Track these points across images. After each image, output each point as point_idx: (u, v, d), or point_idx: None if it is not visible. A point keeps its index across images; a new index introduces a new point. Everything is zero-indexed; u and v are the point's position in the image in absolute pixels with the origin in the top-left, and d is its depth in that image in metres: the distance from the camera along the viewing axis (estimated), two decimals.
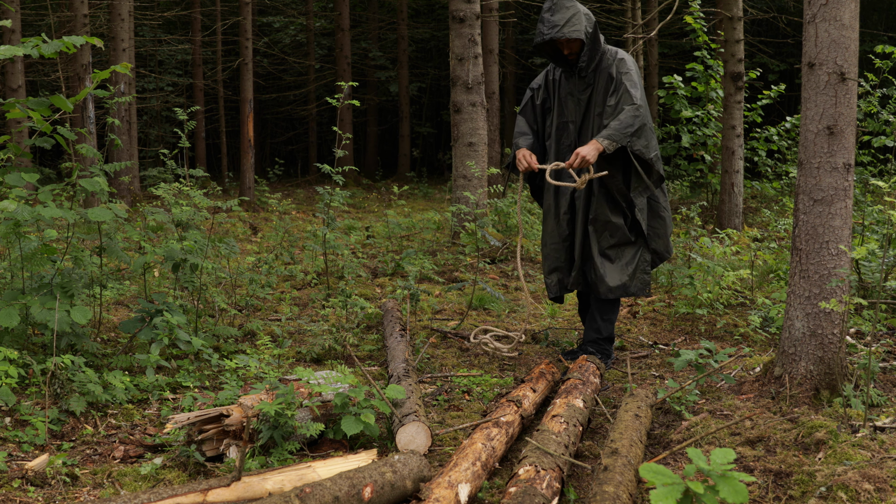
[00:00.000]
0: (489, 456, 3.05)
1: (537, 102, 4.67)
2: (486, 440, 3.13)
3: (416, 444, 3.28)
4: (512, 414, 3.47)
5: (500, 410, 3.49)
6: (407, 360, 4.24)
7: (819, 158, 3.52)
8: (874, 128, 8.00)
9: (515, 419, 3.46)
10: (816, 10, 3.51)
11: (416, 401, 3.59)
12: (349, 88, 13.25)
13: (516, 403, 3.57)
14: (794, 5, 16.66)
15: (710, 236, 7.51)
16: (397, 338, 4.66)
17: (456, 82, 6.31)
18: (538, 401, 3.82)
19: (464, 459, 2.92)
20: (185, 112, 5.42)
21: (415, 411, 3.43)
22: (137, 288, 6.11)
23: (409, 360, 4.26)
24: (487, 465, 3.01)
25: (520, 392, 3.73)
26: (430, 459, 3.29)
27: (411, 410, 3.44)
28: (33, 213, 3.90)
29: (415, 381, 3.90)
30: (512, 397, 3.65)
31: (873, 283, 5.15)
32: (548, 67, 4.68)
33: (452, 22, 6.33)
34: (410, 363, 4.20)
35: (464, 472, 2.83)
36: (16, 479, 2.99)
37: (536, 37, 4.37)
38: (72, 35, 4.44)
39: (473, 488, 2.84)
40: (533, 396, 3.76)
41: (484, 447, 3.06)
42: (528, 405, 3.66)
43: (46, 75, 15.63)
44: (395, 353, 4.40)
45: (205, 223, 5.88)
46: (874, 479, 2.68)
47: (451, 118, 6.37)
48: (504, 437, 3.27)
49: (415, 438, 3.28)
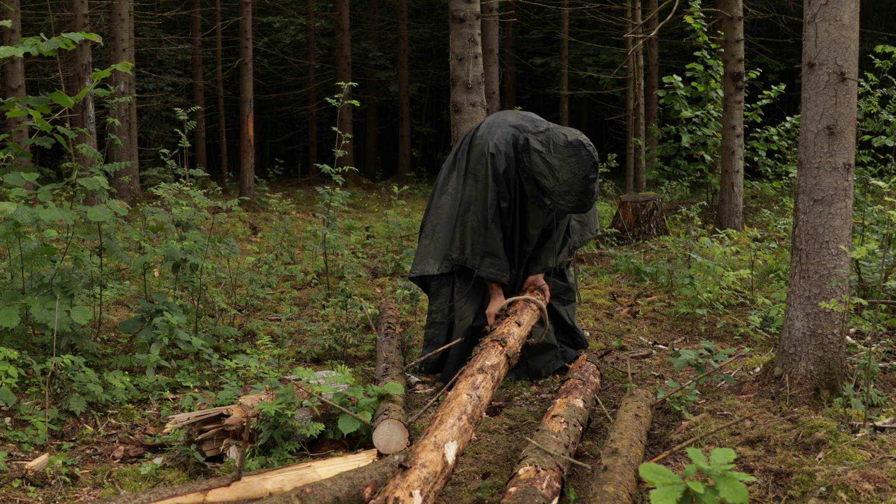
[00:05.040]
0: (475, 407, 2.92)
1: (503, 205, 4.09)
2: (472, 389, 3.01)
3: (395, 441, 3.23)
4: (497, 356, 3.35)
5: (484, 353, 3.37)
6: (387, 358, 4.24)
7: (819, 158, 3.52)
8: (874, 128, 8.00)
9: (501, 360, 3.35)
10: (816, 10, 3.51)
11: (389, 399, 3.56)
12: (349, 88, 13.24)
13: (501, 343, 3.46)
14: (794, 5, 16.66)
15: (710, 236, 7.51)
16: (382, 338, 4.69)
17: (456, 82, 6.32)
18: (524, 335, 3.68)
19: (449, 415, 2.79)
20: (185, 112, 5.42)
21: (385, 410, 3.38)
22: (137, 288, 6.11)
23: (389, 357, 4.26)
24: (474, 417, 2.89)
25: (504, 329, 3.60)
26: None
27: (381, 411, 3.40)
28: (33, 214, 3.90)
29: (394, 378, 3.89)
30: (496, 336, 3.52)
31: (873, 283, 5.15)
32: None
33: (452, 22, 6.33)
34: (390, 361, 4.20)
35: (449, 428, 2.70)
36: (16, 479, 2.99)
37: (567, 198, 3.82)
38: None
39: (461, 445, 2.72)
40: (518, 331, 3.62)
41: (469, 398, 2.93)
42: (514, 342, 3.52)
43: (46, 75, 15.62)
44: (378, 354, 4.44)
45: (205, 223, 5.88)
46: (874, 479, 2.68)
47: (451, 118, 6.36)
48: (490, 384, 3.15)
49: (392, 437, 3.24)
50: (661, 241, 8.36)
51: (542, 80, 21.47)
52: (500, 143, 3.98)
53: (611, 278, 6.97)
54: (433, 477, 2.47)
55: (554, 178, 3.79)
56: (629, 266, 7.08)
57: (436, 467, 2.51)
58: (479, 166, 4.00)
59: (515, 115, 4.14)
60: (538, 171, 3.85)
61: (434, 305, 4.26)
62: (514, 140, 3.98)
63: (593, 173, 3.78)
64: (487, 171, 3.96)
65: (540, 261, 4.27)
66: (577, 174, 3.76)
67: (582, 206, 3.86)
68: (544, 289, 4.32)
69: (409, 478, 2.41)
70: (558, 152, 3.79)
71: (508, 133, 4.01)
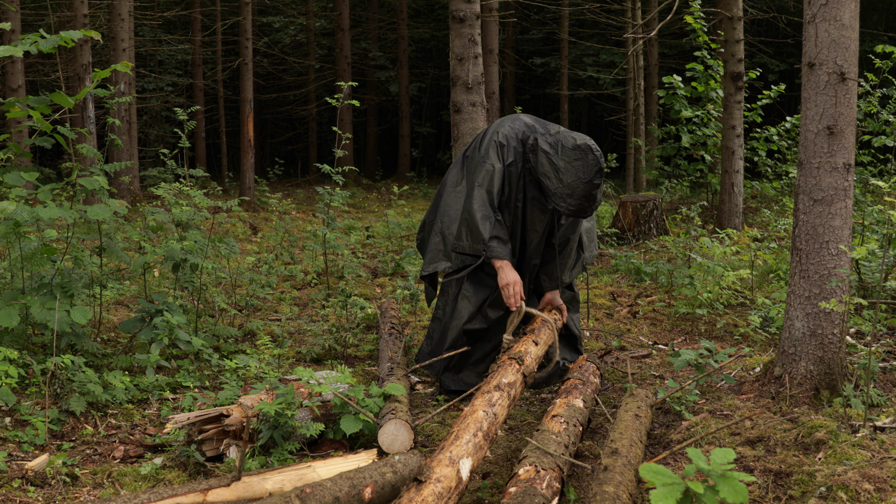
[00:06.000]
0: (491, 424, 2.94)
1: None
2: (488, 406, 3.01)
3: (400, 440, 3.24)
4: (514, 374, 3.36)
5: (501, 371, 3.38)
6: (391, 358, 4.23)
7: (819, 158, 3.52)
8: (874, 128, 8.00)
9: (518, 379, 3.36)
10: (816, 10, 3.51)
11: (394, 399, 3.56)
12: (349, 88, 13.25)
13: (518, 361, 3.47)
14: (794, 5, 16.66)
15: (710, 236, 7.51)
16: (385, 337, 4.68)
17: (456, 82, 6.32)
18: (541, 354, 3.71)
19: (465, 431, 2.80)
20: (185, 112, 5.41)
21: (392, 409, 3.39)
22: (137, 288, 6.11)
23: (394, 358, 4.26)
24: (490, 434, 2.91)
25: (521, 347, 3.62)
26: (425, 456, 3.29)
27: (388, 410, 3.41)
28: (33, 214, 3.90)
29: (398, 379, 3.89)
30: (514, 354, 3.54)
31: (873, 283, 5.14)
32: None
33: (452, 22, 6.33)
34: (395, 361, 4.19)
35: (465, 445, 2.71)
36: (16, 479, 2.99)
37: (569, 201, 3.84)
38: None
39: (475, 461, 2.74)
40: (535, 350, 3.65)
41: (486, 415, 2.94)
42: (531, 361, 3.55)
43: (46, 75, 15.62)
44: (382, 354, 4.42)
45: (205, 223, 5.88)
46: (874, 479, 2.68)
47: (451, 118, 6.36)
48: (506, 401, 3.17)
49: (397, 436, 3.25)
50: (661, 241, 8.36)
51: (542, 80, 21.47)
52: (510, 136, 4.02)
53: (611, 278, 6.97)
54: (447, 493, 2.50)
55: (558, 179, 3.81)
56: (629, 266, 7.08)
57: (450, 483, 2.53)
58: (488, 154, 4.03)
59: (530, 117, 4.19)
60: (543, 171, 3.86)
61: (440, 301, 4.29)
62: (524, 137, 4.02)
63: (598, 178, 3.79)
64: (496, 159, 3.99)
65: (554, 276, 4.26)
66: (582, 178, 3.77)
67: (583, 211, 3.88)
68: (562, 309, 4.34)
69: (424, 492, 2.44)
70: (565, 154, 3.81)
71: (520, 129, 4.05)
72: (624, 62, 14.45)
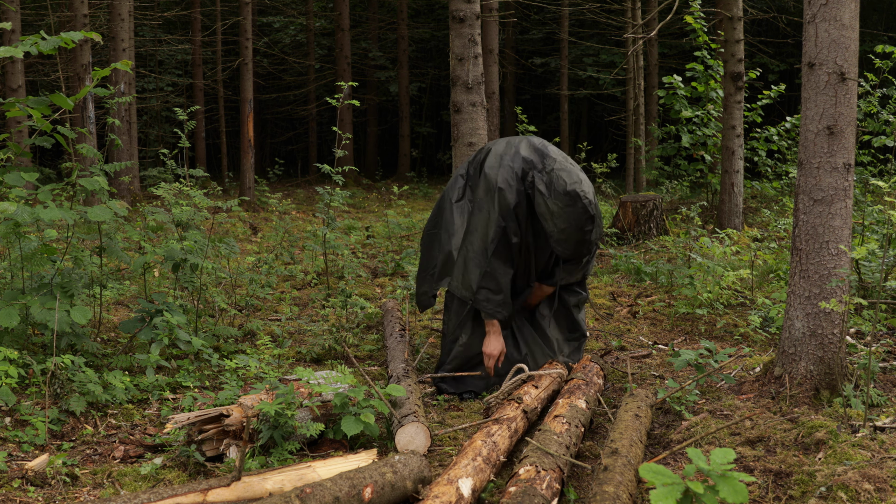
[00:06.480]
0: (491, 450, 3.03)
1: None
2: (486, 437, 3.12)
3: (416, 444, 3.28)
4: (514, 410, 3.46)
5: (500, 410, 3.49)
6: (406, 360, 4.24)
7: (819, 158, 3.52)
8: (874, 128, 8.00)
9: (518, 415, 3.44)
10: (816, 10, 3.51)
11: (415, 401, 3.59)
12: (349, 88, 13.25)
13: (517, 401, 3.57)
14: (794, 5, 16.66)
15: (710, 236, 7.51)
16: (397, 338, 4.66)
17: (456, 82, 6.31)
18: (542, 396, 3.77)
19: (463, 457, 2.92)
20: (185, 112, 5.41)
21: (414, 412, 3.42)
22: (137, 288, 6.11)
23: (409, 360, 4.26)
24: (490, 459, 2.99)
25: (520, 391, 3.73)
26: (430, 460, 3.29)
27: (410, 411, 3.44)
28: (33, 214, 3.89)
29: (414, 382, 3.90)
30: (513, 396, 3.65)
31: (873, 283, 5.15)
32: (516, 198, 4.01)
33: (452, 22, 6.33)
34: (410, 363, 4.20)
35: (463, 468, 2.82)
36: (16, 479, 2.99)
37: (565, 246, 3.92)
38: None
39: (477, 482, 2.82)
40: (536, 392, 3.73)
41: (484, 443, 3.05)
42: (531, 400, 3.63)
43: (46, 75, 15.62)
44: (394, 354, 4.40)
45: (205, 223, 5.88)
46: (874, 479, 2.68)
47: (451, 118, 6.36)
48: (507, 433, 3.25)
49: (414, 439, 3.28)
50: (661, 241, 8.36)
51: (542, 80, 21.47)
52: (509, 178, 3.97)
53: (611, 278, 6.97)
54: None
55: (553, 223, 3.85)
56: (629, 266, 7.08)
57: (450, 498, 2.66)
58: (486, 200, 4.00)
59: (527, 147, 4.09)
60: (540, 211, 3.90)
61: (444, 315, 4.35)
62: (524, 174, 3.98)
63: (588, 226, 3.81)
64: (494, 205, 3.96)
65: (554, 277, 4.29)
66: (573, 225, 3.81)
67: (579, 256, 3.93)
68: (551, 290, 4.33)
69: None
70: (558, 199, 3.82)
71: (519, 168, 4.00)
72: (624, 62, 14.45)
